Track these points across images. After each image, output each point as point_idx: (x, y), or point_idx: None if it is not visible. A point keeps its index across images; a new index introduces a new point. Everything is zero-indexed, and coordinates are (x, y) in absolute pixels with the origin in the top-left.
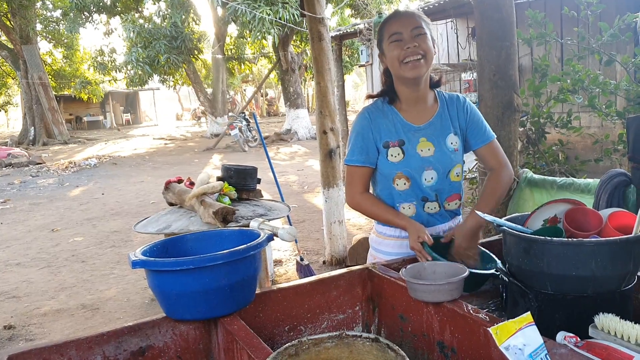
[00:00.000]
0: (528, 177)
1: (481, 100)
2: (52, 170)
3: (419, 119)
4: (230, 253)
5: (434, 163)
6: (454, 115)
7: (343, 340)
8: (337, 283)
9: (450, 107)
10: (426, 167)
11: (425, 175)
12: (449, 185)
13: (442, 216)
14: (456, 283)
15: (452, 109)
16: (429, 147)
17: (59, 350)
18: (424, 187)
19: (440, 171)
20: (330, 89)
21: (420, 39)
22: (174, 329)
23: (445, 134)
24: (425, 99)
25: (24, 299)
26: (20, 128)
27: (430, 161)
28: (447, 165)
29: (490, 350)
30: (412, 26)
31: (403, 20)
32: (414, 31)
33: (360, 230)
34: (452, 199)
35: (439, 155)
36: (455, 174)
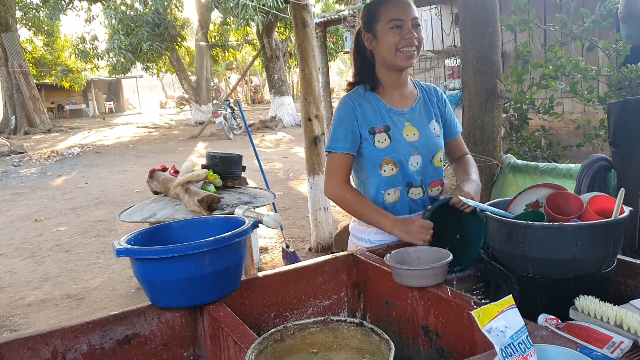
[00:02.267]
0: (511, 163)
1: (465, 86)
2: (35, 160)
3: (401, 104)
4: (215, 240)
5: (419, 148)
6: (434, 103)
7: (328, 325)
8: (322, 269)
9: (430, 95)
10: (412, 152)
11: (412, 160)
12: (432, 170)
13: (425, 202)
14: (440, 268)
15: (432, 98)
16: (414, 132)
17: (44, 339)
18: (410, 172)
19: (425, 156)
20: (315, 76)
21: (418, 29)
22: (160, 317)
23: (428, 120)
24: (406, 85)
25: (7, 290)
26: (0, 117)
27: (416, 146)
28: (432, 150)
29: (473, 333)
30: (413, 15)
31: (404, 7)
32: (414, 21)
33: (345, 217)
34: (435, 185)
35: (424, 140)
36: (438, 159)
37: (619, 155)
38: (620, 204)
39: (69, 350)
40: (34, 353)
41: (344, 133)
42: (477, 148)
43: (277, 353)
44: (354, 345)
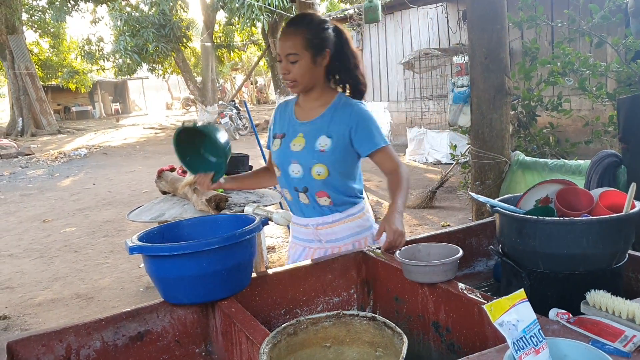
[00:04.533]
0: (520, 160)
1: (473, 83)
2: (42, 161)
3: (306, 116)
4: (226, 237)
5: (299, 158)
6: (336, 120)
7: (340, 320)
8: (331, 266)
9: (337, 112)
10: (292, 160)
11: (292, 167)
12: (313, 181)
13: (315, 209)
14: (451, 264)
15: (337, 115)
16: (301, 143)
17: (58, 336)
18: (292, 178)
19: (305, 167)
20: None
21: (294, 66)
22: (172, 314)
23: (319, 134)
24: (317, 100)
25: (17, 290)
26: (7, 119)
27: (296, 156)
28: (308, 162)
29: (484, 328)
30: (287, 52)
31: (282, 43)
32: (289, 57)
33: None
34: (321, 195)
35: (304, 152)
36: (316, 172)
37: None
38: (632, 198)
39: (83, 347)
40: (48, 350)
41: (268, 133)
42: (486, 145)
43: (290, 347)
44: (367, 339)
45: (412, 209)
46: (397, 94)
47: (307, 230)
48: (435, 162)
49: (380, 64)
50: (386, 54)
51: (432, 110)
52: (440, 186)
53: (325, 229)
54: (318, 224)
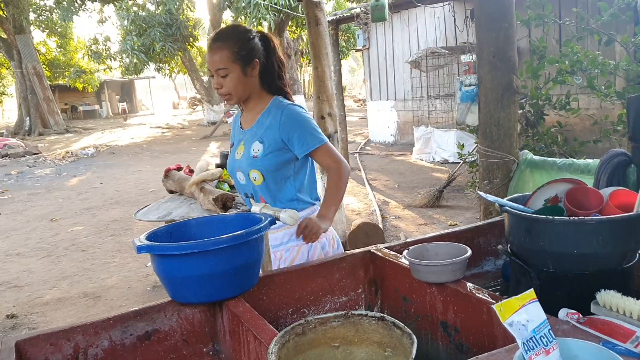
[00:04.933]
0: (528, 159)
1: (480, 82)
2: (49, 161)
3: (247, 124)
4: (234, 237)
5: (240, 165)
6: (267, 125)
7: (349, 320)
8: (339, 266)
9: (268, 117)
10: (237, 168)
11: (238, 175)
12: (253, 187)
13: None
14: (459, 263)
15: (268, 119)
16: (241, 151)
17: (66, 335)
18: (240, 185)
19: (244, 173)
20: (328, 74)
21: (225, 80)
22: (180, 313)
23: (253, 140)
24: (254, 107)
25: (25, 289)
26: (15, 118)
27: (238, 163)
28: (246, 168)
29: (493, 328)
30: (216, 67)
31: (210, 58)
32: (219, 72)
33: (358, 216)
34: (262, 200)
35: (243, 159)
36: (252, 178)
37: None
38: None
39: (91, 346)
40: (56, 349)
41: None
42: (494, 144)
43: (299, 347)
44: (376, 339)
45: (419, 208)
46: (404, 92)
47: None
48: (442, 161)
49: (387, 63)
50: (393, 52)
51: (439, 109)
52: (447, 185)
53: (270, 234)
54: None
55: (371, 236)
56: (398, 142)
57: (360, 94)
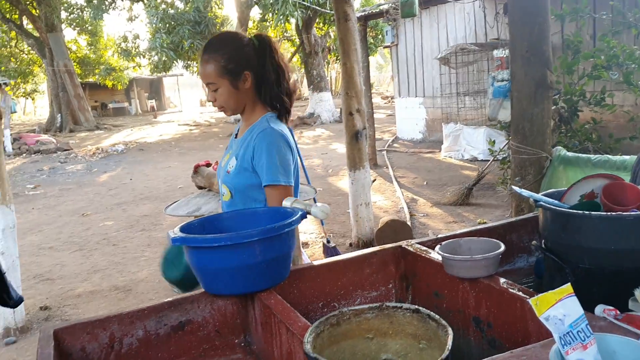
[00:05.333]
0: (562, 155)
1: (513, 77)
2: (80, 157)
3: (241, 133)
4: (266, 230)
5: (218, 175)
6: (246, 142)
7: (383, 312)
8: (370, 261)
9: (250, 134)
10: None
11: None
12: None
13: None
14: (492, 258)
15: (250, 137)
16: (224, 161)
17: (102, 324)
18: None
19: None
20: (357, 70)
21: (217, 94)
22: (212, 304)
23: (233, 155)
24: (249, 119)
25: (57, 281)
26: (47, 115)
27: (219, 172)
28: (220, 181)
29: (526, 324)
30: (206, 81)
31: (200, 71)
32: (210, 86)
33: (386, 213)
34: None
35: (220, 171)
36: (222, 193)
37: None
38: None
39: (126, 336)
40: (93, 338)
41: None
42: (526, 140)
43: (333, 337)
44: (410, 331)
45: (448, 205)
46: (432, 89)
47: None
48: (472, 158)
49: (415, 59)
50: (422, 49)
51: (468, 106)
52: (476, 183)
53: None
54: None
55: (399, 233)
56: (426, 139)
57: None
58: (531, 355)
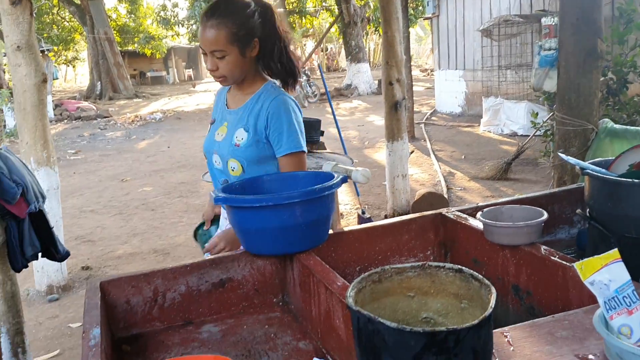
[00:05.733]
0: (608, 127)
1: (562, 46)
2: (119, 124)
3: (234, 104)
4: (307, 192)
5: (219, 149)
6: (255, 112)
7: (425, 271)
8: (408, 227)
9: (257, 103)
10: (214, 150)
11: (214, 157)
12: (228, 175)
13: None
14: (535, 226)
15: (257, 106)
16: (223, 133)
17: (147, 278)
18: (216, 169)
19: (222, 159)
20: (398, 39)
21: (222, 62)
22: (252, 264)
23: (238, 126)
24: (245, 88)
25: (98, 243)
26: (87, 83)
27: (217, 146)
28: (225, 155)
29: (567, 292)
30: (211, 48)
31: (204, 37)
32: (215, 53)
33: (423, 186)
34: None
35: (224, 144)
36: (231, 168)
37: None
38: None
39: (169, 290)
40: (137, 291)
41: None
42: (572, 112)
43: (374, 293)
44: (452, 291)
45: (486, 180)
46: (473, 62)
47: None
48: (511, 133)
49: (456, 31)
50: (463, 20)
51: (509, 79)
52: (516, 158)
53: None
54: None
55: (435, 207)
56: (465, 113)
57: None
58: (573, 320)
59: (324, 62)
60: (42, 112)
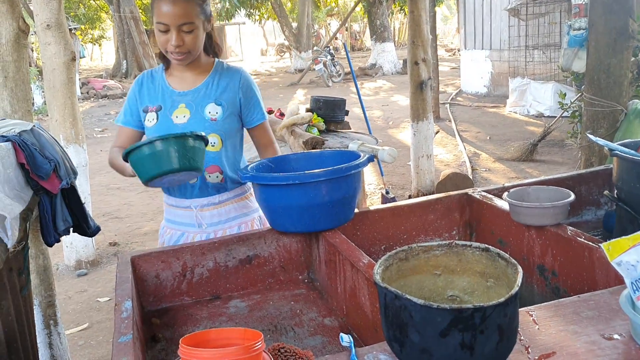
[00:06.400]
0: (638, 109)
1: (592, 25)
2: None
3: (184, 85)
4: (333, 170)
5: (186, 130)
6: (223, 86)
7: (452, 249)
8: (434, 207)
9: (223, 78)
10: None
11: None
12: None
13: (200, 189)
14: (561, 207)
15: (224, 81)
16: (185, 114)
17: (176, 254)
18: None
19: None
20: (424, 18)
21: (189, 36)
22: (278, 241)
23: (206, 103)
24: (196, 68)
25: (125, 220)
26: (113, 61)
27: (181, 128)
28: (209, 130)
29: (594, 273)
30: (181, 21)
31: (172, 11)
32: (183, 27)
33: (447, 167)
34: (212, 171)
35: (193, 123)
36: (211, 144)
37: None
38: None
39: (197, 266)
40: (167, 266)
41: (125, 107)
42: (601, 92)
43: (401, 271)
44: (478, 269)
45: (511, 161)
46: (500, 42)
47: (186, 212)
48: (538, 114)
49: (483, 10)
50: None
51: (537, 60)
52: (542, 139)
53: (210, 210)
54: (202, 205)
55: (460, 187)
56: (491, 93)
57: (452, 43)
58: (599, 301)
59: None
60: (71, 90)
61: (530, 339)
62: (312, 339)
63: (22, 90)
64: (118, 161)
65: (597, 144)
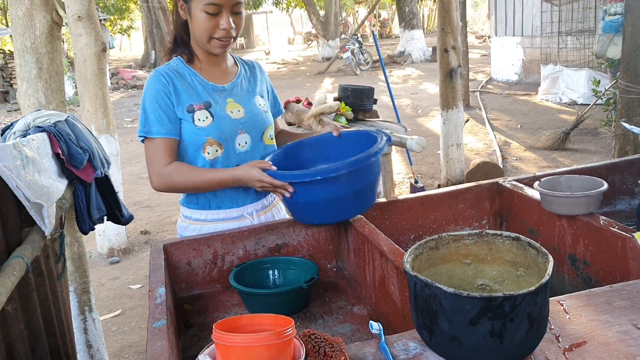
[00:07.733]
0: None
1: (628, 10)
2: None
3: (221, 79)
4: (352, 162)
5: (246, 125)
6: (254, 78)
7: (482, 239)
8: (464, 196)
9: (252, 71)
10: (239, 130)
11: (239, 139)
12: (264, 149)
13: (254, 192)
14: (594, 196)
15: (254, 74)
16: (239, 109)
17: (207, 242)
18: (238, 153)
19: (254, 134)
20: (454, 5)
21: (239, 17)
22: (307, 230)
23: (252, 95)
24: (226, 60)
25: (156, 209)
26: (141, 52)
27: (242, 123)
28: (261, 126)
29: (627, 263)
30: (235, 1)
31: None
32: (235, 7)
33: (477, 155)
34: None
35: (251, 116)
36: (269, 137)
37: None
38: None
39: (227, 253)
40: (198, 253)
41: (156, 114)
42: (637, 79)
43: (431, 260)
44: (508, 258)
45: (543, 150)
46: (532, 28)
47: (235, 224)
48: (570, 102)
49: None
50: None
51: (570, 46)
52: (574, 127)
53: (265, 214)
54: (257, 210)
55: (490, 176)
56: (522, 81)
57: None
58: (632, 291)
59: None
60: (102, 80)
61: (561, 328)
62: (342, 326)
63: (56, 82)
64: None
65: (631, 132)
